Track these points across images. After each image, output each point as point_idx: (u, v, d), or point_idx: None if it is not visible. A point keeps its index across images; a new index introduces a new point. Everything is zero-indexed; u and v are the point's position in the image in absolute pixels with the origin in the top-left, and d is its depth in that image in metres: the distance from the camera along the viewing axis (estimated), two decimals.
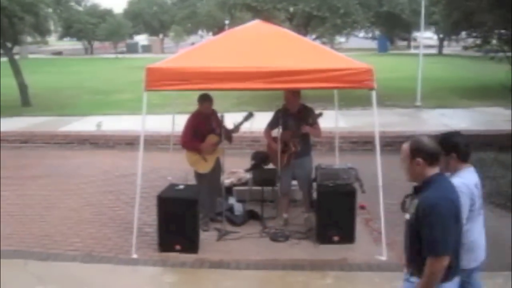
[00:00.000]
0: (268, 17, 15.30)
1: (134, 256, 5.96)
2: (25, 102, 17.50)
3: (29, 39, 21.94)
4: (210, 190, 6.76)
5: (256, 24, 6.89)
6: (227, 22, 31.84)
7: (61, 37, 54.57)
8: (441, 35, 42.82)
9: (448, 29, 26.59)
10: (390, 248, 5.90)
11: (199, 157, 6.67)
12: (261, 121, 6.84)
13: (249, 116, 6.69)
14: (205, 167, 6.70)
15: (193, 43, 37.26)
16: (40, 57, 45.66)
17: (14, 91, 17.95)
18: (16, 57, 19.07)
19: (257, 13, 17.84)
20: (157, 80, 5.72)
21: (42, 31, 19.31)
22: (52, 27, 22.82)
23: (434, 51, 41.64)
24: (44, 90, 20.69)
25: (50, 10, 18.42)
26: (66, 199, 8.13)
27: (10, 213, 7.50)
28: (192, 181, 6.93)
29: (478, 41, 19.61)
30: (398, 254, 5.86)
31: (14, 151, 11.44)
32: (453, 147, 3.78)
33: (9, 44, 17.86)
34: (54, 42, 51.69)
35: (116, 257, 6.05)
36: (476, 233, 3.82)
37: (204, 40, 19.61)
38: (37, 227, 7.00)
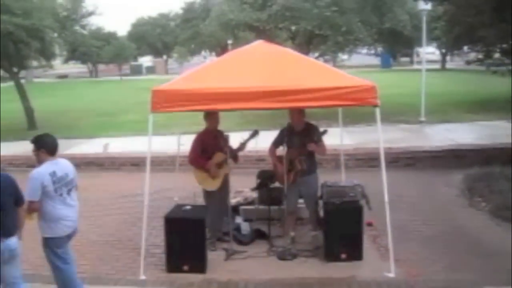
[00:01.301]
0: (270, 37, 15.48)
1: (142, 277, 5.96)
2: (31, 126, 17.64)
3: (34, 63, 22.11)
4: (218, 209, 6.77)
5: (259, 44, 6.96)
6: (230, 42, 32.05)
7: (66, 61, 55.04)
8: (443, 50, 43.00)
9: (450, 44, 26.79)
10: (398, 265, 5.88)
11: (206, 175, 6.70)
12: (265, 139, 6.88)
13: (255, 134, 6.72)
14: (213, 185, 6.72)
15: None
16: (46, 81, 46.05)
17: (20, 115, 18.11)
18: (22, 81, 19.26)
19: (260, 32, 18.01)
20: (163, 102, 5.78)
21: (47, 55, 19.48)
22: (57, 51, 23.03)
23: (437, 66, 41.74)
24: (50, 113, 20.85)
25: (55, 34, 18.63)
26: None
27: None
28: (200, 200, 6.94)
29: (480, 55, 19.69)
30: (406, 270, 5.86)
31: (20, 175, 11.44)
32: (42, 144, 5.05)
33: (15, 69, 18.06)
34: (59, 65, 52.09)
35: (124, 278, 6.05)
36: (59, 210, 5.01)
37: (208, 60, 19.76)
38: None
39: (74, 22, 21.64)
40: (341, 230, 6.15)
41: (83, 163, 11.73)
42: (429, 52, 40.60)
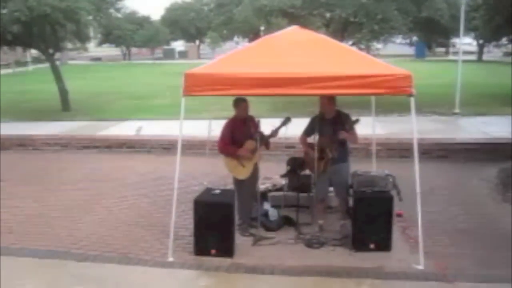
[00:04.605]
0: (304, 23, 15.32)
1: (170, 259, 6.03)
2: (66, 107, 17.98)
3: (69, 45, 22.49)
4: (248, 196, 6.76)
5: (293, 30, 6.89)
6: (262, 28, 31.86)
7: (100, 44, 55.74)
8: (481, 41, 41.97)
9: (489, 34, 26.07)
10: (427, 257, 5.79)
11: (237, 163, 6.67)
12: (296, 127, 6.83)
13: (287, 120, 6.66)
14: (244, 173, 6.69)
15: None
16: (80, 63, 46.74)
17: (55, 96, 18.46)
18: (57, 63, 19.61)
19: (293, 19, 17.84)
20: (195, 85, 5.79)
21: (82, 37, 19.75)
22: (92, 34, 23.32)
23: (473, 57, 40.79)
24: (83, 95, 21.20)
25: (90, 17, 18.86)
26: (105, 202, 8.29)
27: (51, 215, 7.70)
28: (230, 185, 6.96)
29: None
30: (435, 263, 5.78)
31: (55, 155, 11.73)
32: None
33: (51, 51, 18.38)
34: (93, 48, 52.83)
35: (152, 259, 6.13)
36: None
37: (240, 46, 19.74)
38: (76, 228, 7.16)
39: (109, 5, 21.68)
40: (371, 220, 6.10)
41: (115, 145, 11.92)
42: (465, 42, 39.68)
